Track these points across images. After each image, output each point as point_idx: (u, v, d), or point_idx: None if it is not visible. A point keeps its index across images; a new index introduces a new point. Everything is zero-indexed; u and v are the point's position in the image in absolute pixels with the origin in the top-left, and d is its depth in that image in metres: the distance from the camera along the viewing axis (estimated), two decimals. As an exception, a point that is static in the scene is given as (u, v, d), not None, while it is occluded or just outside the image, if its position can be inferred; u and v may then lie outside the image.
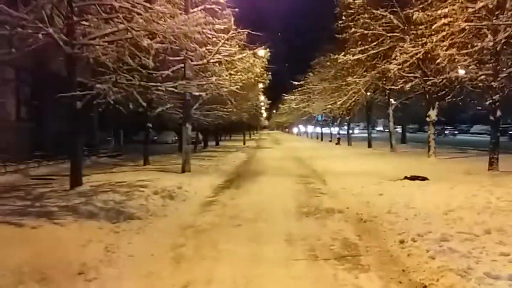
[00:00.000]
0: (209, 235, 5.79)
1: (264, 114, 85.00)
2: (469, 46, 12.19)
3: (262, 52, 18.75)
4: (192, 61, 13.83)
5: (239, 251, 5.01)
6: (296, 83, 35.90)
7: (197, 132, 26.27)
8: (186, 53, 12.83)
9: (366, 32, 17.57)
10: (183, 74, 13.22)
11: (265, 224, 6.32)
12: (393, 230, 5.73)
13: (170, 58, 14.39)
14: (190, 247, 5.22)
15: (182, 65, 13.38)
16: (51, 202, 7.38)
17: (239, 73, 16.91)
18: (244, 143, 37.21)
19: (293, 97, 41.50)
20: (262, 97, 44.05)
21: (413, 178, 11.55)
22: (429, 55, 13.67)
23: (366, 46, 18.21)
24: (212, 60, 14.56)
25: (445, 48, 11.45)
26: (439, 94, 16.72)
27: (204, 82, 15.53)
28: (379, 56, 19.13)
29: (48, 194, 8.26)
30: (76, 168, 9.06)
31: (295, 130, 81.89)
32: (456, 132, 54.12)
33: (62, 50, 9.24)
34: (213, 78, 15.45)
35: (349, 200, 8.33)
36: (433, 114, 18.02)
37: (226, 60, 15.25)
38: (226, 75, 16.23)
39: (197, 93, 16.27)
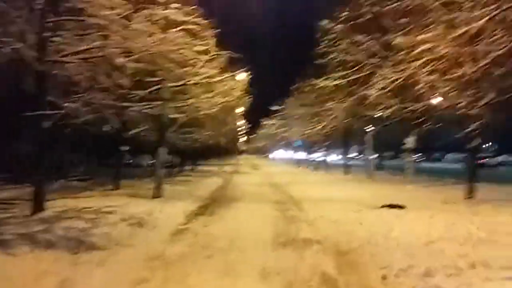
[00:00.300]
0: (178, 267, 5.33)
1: (243, 138, 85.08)
2: (450, 73, 12.24)
3: (242, 75, 18.62)
4: (169, 82, 13.52)
5: (210, 286, 4.60)
6: (275, 108, 35.94)
7: (172, 156, 25.73)
8: (163, 74, 12.54)
9: (346, 57, 17.65)
10: (159, 95, 12.82)
11: (239, 255, 5.89)
12: (374, 263, 5.40)
13: (147, 79, 14.11)
14: (156, 281, 4.77)
15: (159, 86, 13.02)
16: (8, 230, 6.80)
17: (218, 96, 16.64)
18: (221, 168, 36.73)
19: (271, 122, 41.50)
20: (241, 121, 43.96)
21: (392, 206, 11.37)
22: (409, 81, 13.71)
23: (347, 72, 18.25)
24: (190, 82, 14.30)
25: (425, 74, 11.48)
26: (417, 121, 16.80)
27: (181, 104, 15.23)
28: (358, 82, 19.23)
29: (6, 221, 7.66)
30: (39, 192, 8.51)
31: (271, 155, 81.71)
32: (422, 159, 53.45)
33: (32, 66, 8.84)
34: (191, 101, 15.17)
35: (328, 228, 7.99)
36: (410, 141, 18.09)
37: (206, 82, 15.01)
38: (204, 98, 15.96)
39: (174, 116, 15.95)
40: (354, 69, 18.37)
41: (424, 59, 12.24)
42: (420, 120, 16.92)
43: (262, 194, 15.07)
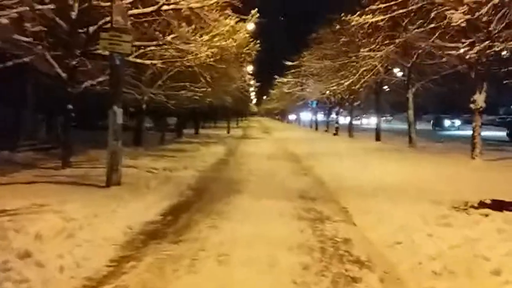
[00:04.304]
0: None
1: (254, 100, 79.89)
2: None
3: (251, 25, 13.84)
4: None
5: None
6: (289, 63, 30.79)
7: (164, 118, 21.08)
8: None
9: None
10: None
11: None
12: None
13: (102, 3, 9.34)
14: None
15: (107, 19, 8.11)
16: None
17: (215, 39, 11.81)
18: (228, 132, 32.08)
19: (285, 80, 36.45)
20: (252, 80, 39.10)
21: (498, 205, 6.75)
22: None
23: (391, 3, 13.09)
24: (165, 7, 9.43)
25: None
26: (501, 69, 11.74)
27: (153, 43, 10.45)
28: (405, 19, 14.18)
29: None
30: None
31: (285, 117, 76.42)
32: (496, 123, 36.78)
33: None
34: (169, 37, 10.35)
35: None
36: (480, 99, 13.01)
37: (191, 10, 10.08)
38: (194, 40, 11.15)
39: (147, 62, 11.21)
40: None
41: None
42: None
43: (277, 175, 10.30)
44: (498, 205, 6.69)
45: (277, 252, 4.28)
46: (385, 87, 23.00)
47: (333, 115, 34.54)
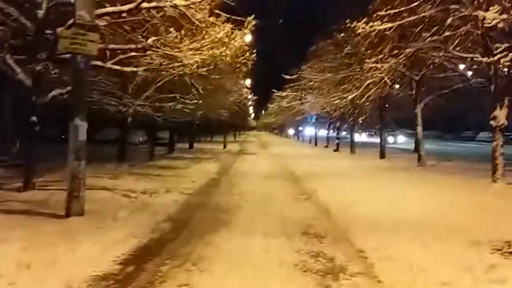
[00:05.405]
0: None
1: (252, 115, 78.76)
2: None
3: (248, 37, 12.56)
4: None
5: None
6: (288, 77, 29.59)
7: (153, 132, 19.64)
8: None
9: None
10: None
11: None
12: None
13: None
14: None
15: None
16: None
17: (207, 46, 10.50)
18: (224, 147, 30.67)
19: (284, 94, 35.21)
20: (249, 94, 37.93)
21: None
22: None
23: (402, 8, 11.86)
24: (145, 5, 8.09)
25: None
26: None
27: (132, 47, 9.10)
28: (418, 27, 12.93)
29: None
30: None
31: (283, 132, 75.02)
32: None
33: None
34: (150, 40, 8.99)
35: None
36: (501, 115, 11.73)
37: (176, 9, 8.75)
38: (183, 47, 9.84)
39: (127, 69, 9.86)
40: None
41: None
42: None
43: (274, 202, 8.82)
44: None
45: None
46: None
47: (334, 131, 33.30)
